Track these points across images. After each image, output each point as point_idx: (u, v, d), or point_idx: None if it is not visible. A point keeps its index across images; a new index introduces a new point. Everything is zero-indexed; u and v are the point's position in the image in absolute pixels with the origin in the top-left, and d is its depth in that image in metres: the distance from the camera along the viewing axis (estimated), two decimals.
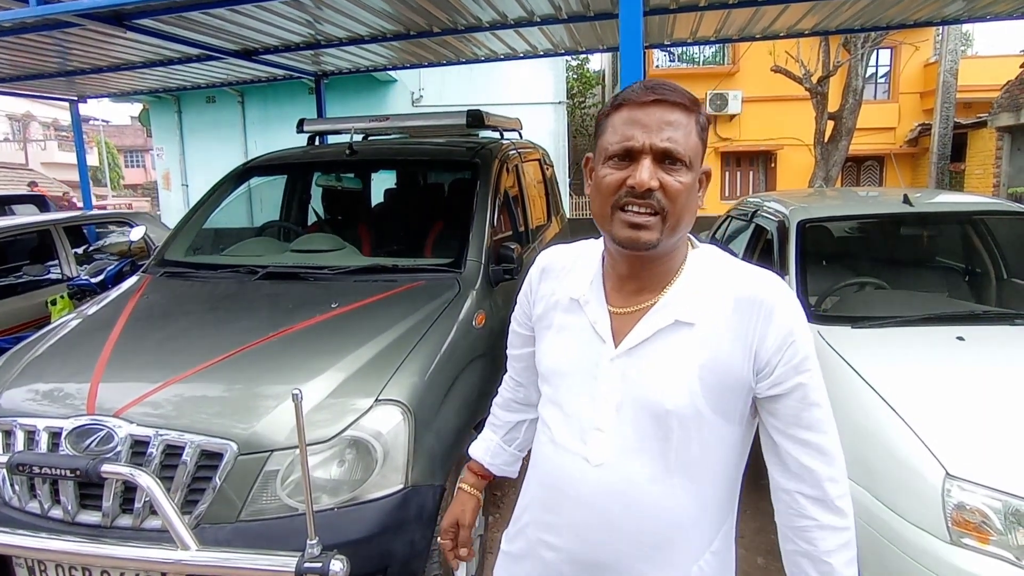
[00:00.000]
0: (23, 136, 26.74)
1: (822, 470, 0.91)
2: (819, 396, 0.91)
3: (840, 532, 0.91)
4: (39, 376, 1.97)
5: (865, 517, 1.89)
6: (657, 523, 0.95)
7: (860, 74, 9.47)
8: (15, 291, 4.34)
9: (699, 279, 0.94)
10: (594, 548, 0.98)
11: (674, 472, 0.93)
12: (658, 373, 0.92)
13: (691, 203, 0.91)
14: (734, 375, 0.91)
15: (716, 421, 0.92)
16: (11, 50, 4.59)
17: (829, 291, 2.88)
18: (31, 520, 1.69)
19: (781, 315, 0.90)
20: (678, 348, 0.92)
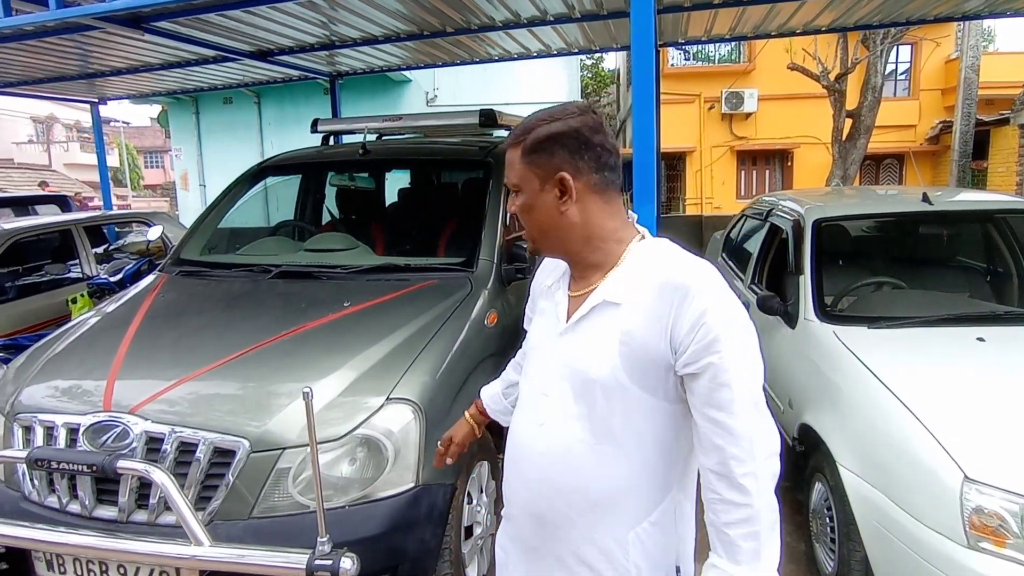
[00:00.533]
0: (47, 137, 27.25)
1: (727, 448, 0.97)
2: (730, 378, 0.96)
3: (740, 508, 0.97)
4: (58, 373, 2.01)
5: (881, 520, 1.87)
6: (590, 484, 1.06)
7: (879, 71, 9.32)
8: (38, 289, 4.43)
9: (636, 266, 1.05)
10: (541, 504, 1.11)
11: (602, 438, 1.04)
12: (587, 346, 1.05)
13: (535, 216, 1.07)
14: (652, 351, 1.00)
15: (638, 393, 1.02)
16: (34, 53, 4.67)
17: (845, 291, 2.84)
18: (50, 514, 1.73)
19: (696, 298, 0.97)
20: (604, 325, 1.04)
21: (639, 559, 1.06)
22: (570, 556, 1.09)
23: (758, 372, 1.00)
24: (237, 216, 3.31)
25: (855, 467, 1.99)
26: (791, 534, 2.69)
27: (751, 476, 0.96)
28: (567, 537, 1.09)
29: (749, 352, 0.99)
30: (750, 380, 0.98)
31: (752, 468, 0.96)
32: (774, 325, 2.95)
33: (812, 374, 2.46)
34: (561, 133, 1.04)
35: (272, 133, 10.80)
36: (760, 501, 0.96)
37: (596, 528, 1.06)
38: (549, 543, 1.12)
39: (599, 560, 1.07)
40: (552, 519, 1.10)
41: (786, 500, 2.91)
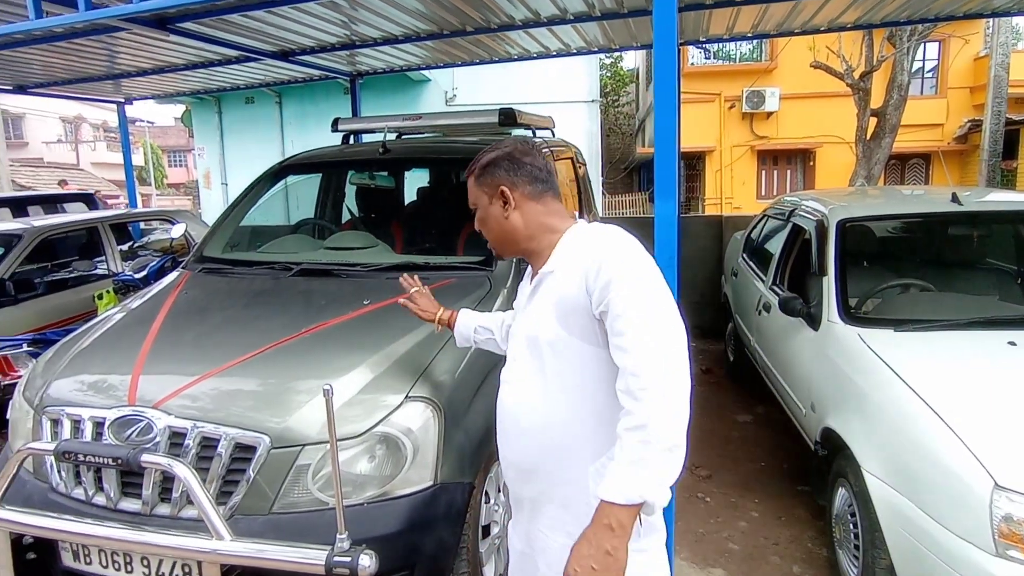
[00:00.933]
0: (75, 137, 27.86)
1: (627, 365, 1.14)
2: (624, 309, 1.15)
3: (634, 416, 1.11)
4: (84, 368, 2.05)
5: (907, 526, 1.83)
6: (551, 427, 1.28)
7: (906, 68, 9.13)
8: (65, 285, 4.53)
9: (565, 245, 1.33)
10: (518, 453, 1.35)
11: (555, 386, 1.27)
12: (536, 312, 1.32)
13: (488, 226, 1.40)
14: (576, 302, 1.23)
15: (574, 342, 1.24)
16: (63, 55, 4.77)
17: (871, 293, 2.79)
18: (76, 506, 1.76)
19: (593, 253, 1.22)
20: (545, 292, 1.31)
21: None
22: (546, 495, 1.32)
23: (657, 310, 1.16)
24: (258, 214, 3.35)
25: (881, 472, 1.95)
26: (813, 540, 2.65)
27: (644, 390, 1.10)
28: (544, 478, 1.31)
29: (644, 291, 1.17)
30: (647, 314, 1.15)
31: (646, 383, 1.10)
32: (796, 327, 2.91)
33: (836, 377, 2.42)
34: (498, 157, 1.37)
35: (293, 132, 10.91)
36: (653, 413, 1.09)
37: (563, 465, 1.28)
38: (531, 487, 1.35)
39: (570, 493, 1.27)
40: (528, 464, 1.33)
41: (807, 505, 2.89)
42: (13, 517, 1.64)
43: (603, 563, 1.06)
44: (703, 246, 5.94)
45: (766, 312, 3.48)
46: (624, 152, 21.98)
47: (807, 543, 2.65)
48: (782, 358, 3.15)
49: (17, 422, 2.04)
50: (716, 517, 2.86)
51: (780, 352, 3.19)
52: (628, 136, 22.24)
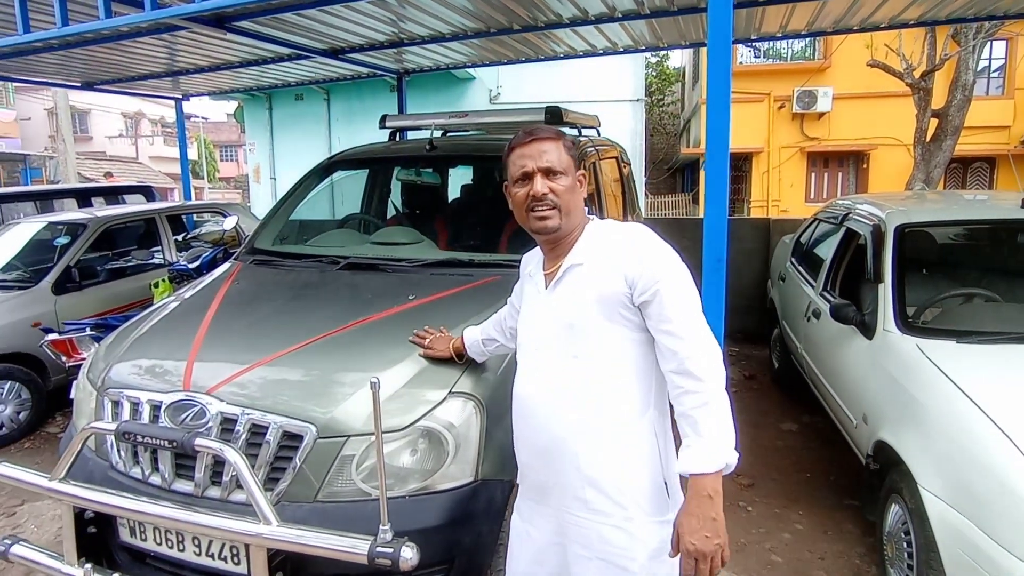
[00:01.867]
0: (135, 132, 29.13)
1: (680, 351, 1.26)
2: (674, 296, 1.29)
3: (699, 394, 1.24)
4: (143, 353, 2.13)
5: (966, 548, 1.74)
6: (585, 409, 1.34)
7: (970, 68, 8.69)
8: (124, 274, 4.74)
9: (589, 237, 1.42)
10: (545, 439, 1.39)
11: (589, 371, 1.35)
12: (564, 301, 1.39)
13: (574, 196, 1.41)
14: (611, 290, 1.33)
15: (609, 327, 1.34)
16: (127, 54, 4.99)
17: (930, 302, 2.66)
18: (133, 484, 1.83)
19: (633, 246, 1.34)
20: (575, 282, 1.38)
21: (631, 469, 1.34)
22: (576, 478, 1.35)
23: (694, 295, 1.32)
24: (306, 208, 3.43)
25: (939, 490, 1.86)
26: (861, 557, 2.56)
27: (703, 368, 1.24)
28: (573, 461, 1.35)
29: (684, 280, 1.31)
30: (689, 300, 1.30)
31: (704, 363, 1.25)
32: (848, 335, 2.81)
33: (891, 388, 2.32)
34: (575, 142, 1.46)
35: (340, 129, 11.13)
36: (713, 386, 1.24)
37: (594, 447, 1.34)
38: (556, 472, 1.39)
39: (602, 476, 1.33)
40: (556, 448, 1.37)
41: (855, 520, 2.78)
42: (77, 492, 1.72)
43: (713, 529, 1.20)
44: (749, 249, 5.80)
45: (815, 319, 3.36)
46: (668, 152, 21.65)
47: (855, 559, 2.55)
48: (832, 367, 3.04)
49: (81, 402, 2.15)
50: (759, 527, 2.79)
51: (830, 360, 3.08)
52: (672, 136, 21.89)
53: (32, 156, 21.16)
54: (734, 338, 5.60)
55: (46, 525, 2.94)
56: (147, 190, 7.52)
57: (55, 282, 4.21)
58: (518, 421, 1.48)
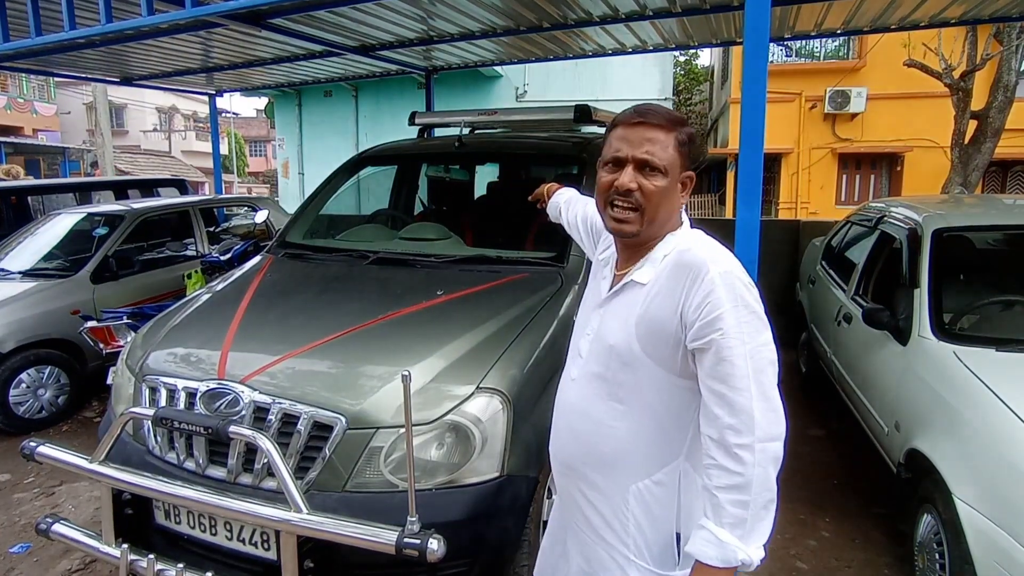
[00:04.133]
0: (168, 127, 29.80)
1: (725, 418, 1.05)
2: (733, 355, 1.05)
3: (732, 475, 1.03)
4: (180, 342, 2.19)
5: (1002, 560, 1.70)
6: (602, 435, 1.21)
7: (1013, 68, 8.40)
8: (159, 264, 4.86)
9: (664, 251, 1.18)
10: (566, 449, 1.29)
11: (614, 397, 1.19)
12: (613, 318, 1.21)
13: (667, 201, 1.16)
14: (663, 326, 1.12)
15: (649, 363, 1.14)
16: (164, 49, 5.11)
17: (968, 308, 2.60)
18: (169, 468, 1.89)
19: (704, 279, 1.08)
20: (630, 300, 1.19)
21: (638, 511, 1.19)
22: (582, 497, 1.26)
23: (766, 354, 1.06)
24: (335, 204, 3.48)
25: (974, 501, 1.81)
26: (890, 566, 2.51)
27: (746, 448, 1.03)
28: (583, 480, 1.25)
29: (754, 333, 1.06)
30: (754, 359, 1.05)
31: (748, 441, 1.03)
32: (880, 340, 2.75)
33: (925, 396, 2.27)
34: (696, 139, 1.20)
35: (367, 125, 11.25)
36: (753, 473, 1.02)
37: (605, 475, 1.22)
38: (571, 484, 1.29)
39: (603, 504, 1.22)
40: (572, 464, 1.28)
41: (886, 530, 2.73)
42: (116, 474, 1.78)
43: None
44: (777, 251, 5.71)
45: (846, 323, 3.30)
46: None
47: (883, 569, 2.50)
48: (863, 372, 2.98)
49: (120, 387, 2.22)
50: (783, 533, 2.75)
51: (861, 366, 3.02)
52: (699, 136, 21.63)
53: (71, 149, 21.79)
54: None
55: (83, 506, 3.04)
56: (181, 184, 7.69)
57: (94, 271, 4.34)
58: (555, 410, 1.37)
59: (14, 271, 4.37)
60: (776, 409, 1.06)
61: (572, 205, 1.80)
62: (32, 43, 3.59)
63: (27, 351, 3.90)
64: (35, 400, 3.96)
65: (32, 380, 3.94)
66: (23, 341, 3.86)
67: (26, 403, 3.92)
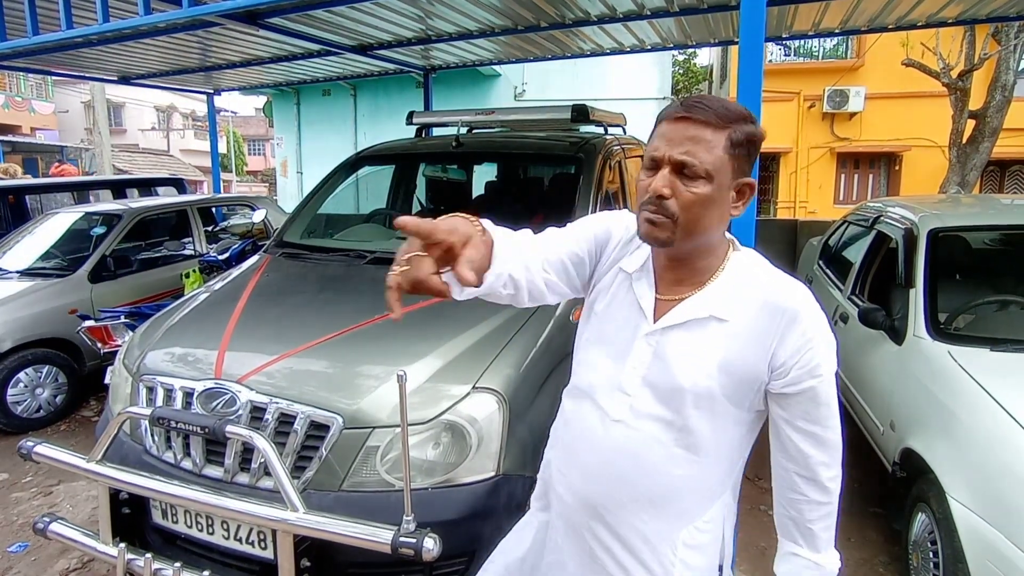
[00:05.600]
0: (167, 125, 29.75)
1: (817, 456, 1.04)
2: (828, 397, 1.02)
3: (824, 506, 1.06)
4: (177, 341, 2.20)
5: (995, 559, 1.71)
6: (658, 481, 1.07)
7: (1011, 68, 8.41)
8: (156, 263, 4.86)
9: (737, 280, 1.04)
10: (598, 492, 1.11)
11: (681, 442, 1.05)
12: (685, 355, 1.03)
13: (710, 212, 0.98)
14: (750, 370, 1.01)
15: (726, 406, 1.04)
16: (162, 49, 5.11)
17: (963, 308, 2.61)
18: (166, 468, 1.90)
19: (802, 323, 0.99)
20: (707, 338, 1.03)
21: (687, 555, 1.09)
22: (614, 542, 1.11)
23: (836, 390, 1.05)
24: (333, 203, 3.48)
25: (968, 500, 1.82)
26: (886, 566, 2.52)
27: (835, 479, 1.05)
28: (616, 524, 1.10)
29: (835, 371, 1.03)
30: (836, 398, 1.04)
31: (836, 472, 1.05)
32: (876, 340, 2.76)
33: (920, 396, 2.28)
34: (759, 139, 1.01)
35: (366, 124, 11.24)
36: (836, 499, 1.07)
37: (651, 522, 1.08)
38: (594, 526, 1.12)
39: (645, 550, 1.09)
40: (605, 506, 1.11)
41: (879, 528, 2.74)
42: (113, 474, 1.78)
43: None
44: (775, 250, 5.73)
45: (843, 323, 3.31)
46: None
47: (879, 568, 2.51)
48: (859, 372, 2.99)
49: (117, 387, 2.22)
50: None
51: (857, 366, 3.03)
52: None
53: (69, 148, 21.76)
54: None
55: (81, 505, 3.04)
56: (179, 183, 7.69)
57: (91, 271, 4.34)
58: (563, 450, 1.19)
59: (12, 270, 4.37)
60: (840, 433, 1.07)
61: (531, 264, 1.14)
62: (29, 43, 3.59)
63: (25, 350, 3.90)
64: (33, 399, 3.97)
65: (30, 379, 3.94)
66: (21, 340, 3.86)
67: (24, 402, 3.92)
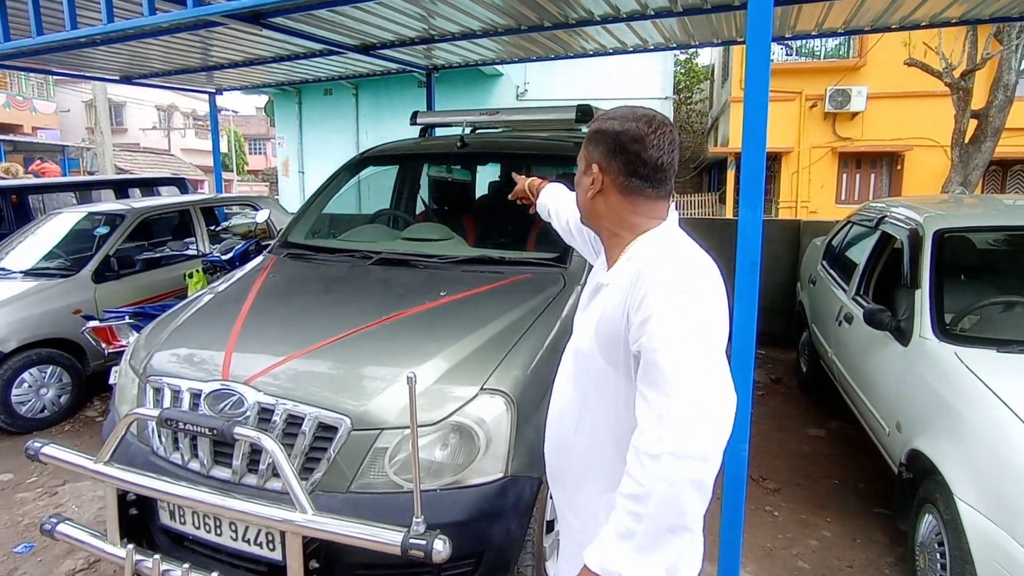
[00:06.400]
0: (168, 125, 29.75)
1: (645, 422, 0.98)
2: (664, 359, 0.97)
3: (632, 482, 0.96)
4: (183, 342, 2.19)
5: (1003, 561, 1.71)
6: (574, 442, 1.22)
7: (1013, 67, 8.41)
8: (160, 264, 4.86)
9: (631, 254, 1.16)
10: (549, 457, 1.33)
11: (582, 406, 1.20)
12: (584, 321, 1.22)
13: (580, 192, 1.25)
14: (612, 325, 1.10)
15: (605, 367, 1.13)
16: (165, 48, 5.10)
17: (969, 309, 2.60)
18: (173, 469, 1.89)
19: (644, 282, 1.04)
20: (596, 304, 1.19)
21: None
22: (565, 505, 1.30)
23: (702, 363, 0.97)
24: (336, 203, 3.47)
25: (976, 502, 1.82)
26: (891, 566, 2.52)
27: (653, 458, 0.94)
28: (563, 489, 1.28)
29: (689, 339, 0.97)
30: (686, 367, 0.96)
31: (657, 451, 0.94)
32: (881, 341, 2.76)
33: (927, 396, 2.28)
34: (606, 132, 1.17)
35: (367, 123, 11.24)
36: (655, 486, 0.93)
37: (580, 483, 1.23)
38: (556, 489, 1.33)
39: (583, 512, 1.23)
40: (554, 472, 1.32)
41: (885, 528, 2.74)
42: (122, 475, 1.78)
43: None
44: (778, 251, 5.72)
45: (847, 323, 3.31)
46: (695, 151, 21.40)
47: (884, 569, 2.51)
48: (864, 373, 2.99)
49: (123, 388, 2.22)
50: (785, 532, 2.76)
51: (862, 366, 3.03)
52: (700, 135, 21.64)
53: (70, 147, 21.76)
54: (760, 341, 5.51)
55: (86, 505, 3.05)
56: (181, 182, 7.69)
57: (95, 271, 4.34)
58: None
59: (16, 270, 4.37)
60: (703, 427, 0.94)
61: (561, 211, 1.73)
62: (33, 43, 3.58)
63: (29, 350, 3.91)
64: (37, 399, 3.97)
65: (34, 380, 3.94)
66: (25, 340, 3.87)
67: (28, 402, 3.93)
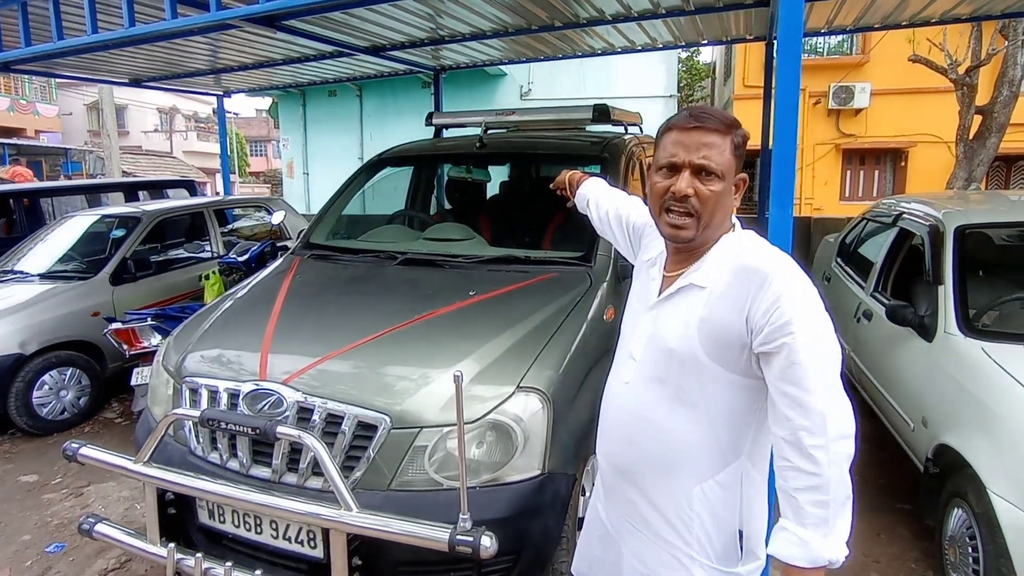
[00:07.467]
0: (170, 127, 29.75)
1: (798, 420, 1.05)
2: (803, 357, 1.05)
3: (809, 476, 1.04)
4: (217, 343, 2.21)
5: None
6: (663, 439, 1.21)
7: (1019, 63, 8.41)
8: (175, 266, 4.88)
9: (722, 255, 1.19)
10: (620, 454, 1.29)
11: (675, 401, 1.19)
12: (673, 320, 1.20)
13: (723, 205, 1.18)
14: (728, 330, 1.12)
15: (712, 367, 1.15)
16: (174, 51, 5.11)
17: (991, 304, 2.62)
18: (212, 468, 1.91)
19: (772, 284, 1.08)
20: (689, 304, 1.18)
21: (702, 511, 1.20)
22: (641, 499, 1.26)
23: (833, 354, 1.08)
24: (354, 204, 3.48)
25: (1012, 495, 1.84)
26: (916, 560, 2.53)
27: (821, 448, 1.03)
28: (642, 482, 1.26)
29: (822, 335, 1.07)
30: (824, 360, 1.06)
31: (823, 442, 1.03)
32: (904, 337, 2.77)
33: (954, 392, 2.29)
34: (747, 140, 1.21)
35: (372, 125, 11.24)
36: (829, 473, 1.03)
37: (667, 478, 1.22)
38: (626, 486, 1.29)
39: (665, 505, 1.23)
40: (629, 467, 1.27)
41: (908, 524, 2.75)
42: (164, 475, 1.80)
43: None
44: None
45: (866, 320, 3.32)
46: None
47: (910, 563, 2.53)
48: (885, 369, 3.00)
49: (156, 388, 2.24)
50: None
51: (883, 363, 3.05)
52: None
53: (73, 150, 21.78)
54: None
55: (112, 505, 3.06)
56: (190, 184, 7.70)
57: (112, 273, 4.36)
58: (602, 424, 1.37)
59: (33, 273, 4.39)
60: (845, 407, 1.06)
61: (602, 202, 1.75)
62: (55, 47, 3.60)
63: (49, 353, 3.92)
64: (57, 401, 3.99)
65: (55, 382, 3.96)
66: (45, 343, 3.89)
67: (49, 404, 3.95)
